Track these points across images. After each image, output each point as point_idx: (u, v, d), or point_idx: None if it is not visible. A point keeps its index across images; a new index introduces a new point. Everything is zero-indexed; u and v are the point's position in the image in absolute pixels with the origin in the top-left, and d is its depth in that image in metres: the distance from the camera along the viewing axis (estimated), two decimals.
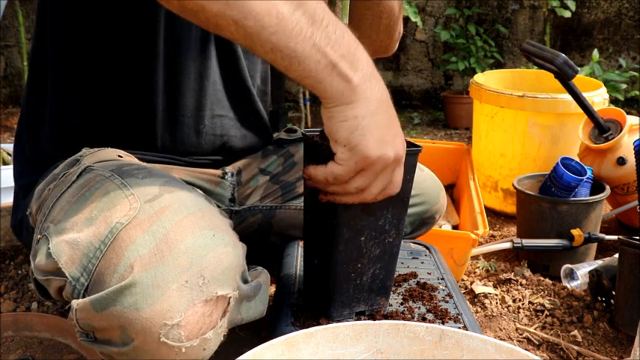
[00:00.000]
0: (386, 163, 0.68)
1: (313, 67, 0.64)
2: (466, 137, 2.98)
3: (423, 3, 3.48)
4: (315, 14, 0.63)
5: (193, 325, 0.65)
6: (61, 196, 0.78)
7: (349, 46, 0.65)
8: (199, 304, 0.65)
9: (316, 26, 0.63)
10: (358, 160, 0.68)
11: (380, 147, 0.67)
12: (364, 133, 0.66)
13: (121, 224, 0.68)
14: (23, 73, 2.81)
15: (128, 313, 0.63)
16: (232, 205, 1.06)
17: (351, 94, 0.66)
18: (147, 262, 0.65)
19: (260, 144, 1.11)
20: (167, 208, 0.70)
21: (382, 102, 0.68)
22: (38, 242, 0.76)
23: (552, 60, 1.58)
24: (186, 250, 0.66)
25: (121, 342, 0.66)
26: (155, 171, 0.79)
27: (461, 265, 1.45)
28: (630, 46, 3.35)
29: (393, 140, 0.68)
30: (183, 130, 0.96)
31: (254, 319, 0.77)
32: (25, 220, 0.93)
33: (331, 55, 0.64)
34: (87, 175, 0.79)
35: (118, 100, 0.93)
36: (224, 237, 0.71)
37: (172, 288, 0.64)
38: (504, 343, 0.61)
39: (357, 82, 0.66)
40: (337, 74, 0.65)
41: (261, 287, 0.77)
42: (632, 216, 1.78)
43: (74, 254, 0.69)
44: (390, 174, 0.70)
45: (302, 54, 0.63)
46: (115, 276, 0.65)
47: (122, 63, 0.91)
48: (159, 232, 0.67)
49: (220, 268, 0.68)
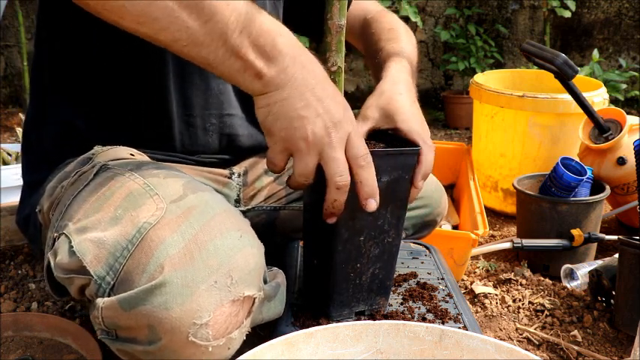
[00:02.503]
0: (307, 140, 0.70)
1: (226, 71, 0.69)
2: (466, 137, 2.98)
3: (423, 3, 3.48)
4: (229, 23, 0.66)
5: (220, 325, 0.66)
6: (79, 194, 0.79)
7: (266, 45, 0.68)
8: (227, 305, 0.67)
9: (229, 34, 0.66)
10: (277, 143, 0.72)
11: (295, 127, 0.69)
12: (276, 117, 0.70)
13: (149, 224, 0.69)
14: (23, 73, 2.81)
15: (158, 312, 0.64)
16: (238, 206, 1.07)
17: (264, 87, 0.70)
18: (177, 262, 0.66)
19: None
20: (194, 209, 0.71)
21: (301, 87, 0.70)
22: (55, 241, 0.76)
23: (552, 60, 1.58)
24: (215, 250, 0.67)
25: (147, 340, 0.67)
26: (173, 171, 0.80)
27: (461, 265, 1.45)
28: (630, 46, 3.35)
29: (315, 118, 0.69)
30: (191, 129, 0.97)
31: (273, 318, 0.78)
32: (33, 217, 0.93)
33: (244, 58, 0.68)
34: (104, 174, 0.80)
35: (127, 103, 0.93)
36: (249, 238, 0.72)
37: (202, 288, 0.65)
38: (504, 343, 0.61)
39: (270, 76, 0.69)
40: (249, 74, 0.69)
41: (280, 288, 0.78)
42: (632, 216, 1.78)
43: (100, 253, 0.70)
44: (337, 143, 0.70)
45: (214, 61, 0.68)
46: (145, 275, 0.66)
47: (130, 67, 0.91)
48: (188, 233, 0.68)
49: (247, 269, 0.69)
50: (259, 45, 0.68)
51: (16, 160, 1.80)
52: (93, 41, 0.90)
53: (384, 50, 1.01)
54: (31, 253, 1.57)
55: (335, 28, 0.77)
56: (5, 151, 1.85)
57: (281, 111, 0.70)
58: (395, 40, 1.02)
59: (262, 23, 0.69)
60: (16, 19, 2.86)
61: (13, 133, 2.76)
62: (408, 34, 1.08)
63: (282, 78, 0.69)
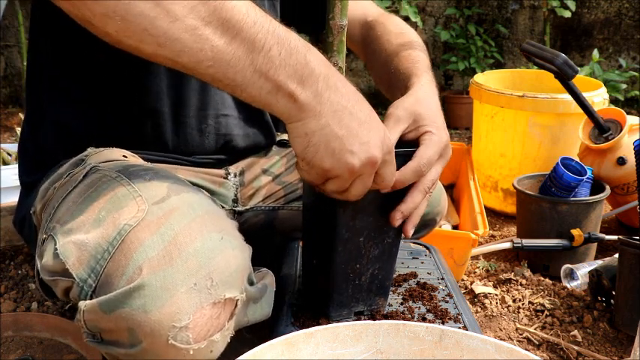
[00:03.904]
0: (352, 171, 0.68)
1: (256, 93, 0.65)
2: (466, 137, 2.98)
3: (423, 3, 3.48)
4: (256, 40, 0.62)
5: (201, 328, 0.66)
6: (67, 196, 0.78)
7: (298, 64, 0.65)
8: (207, 307, 0.66)
9: (256, 52, 0.63)
10: (318, 172, 0.69)
11: (338, 159, 0.67)
12: (317, 149, 0.67)
13: (129, 226, 0.68)
14: (23, 73, 2.81)
15: (137, 315, 0.63)
16: (235, 206, 1.06)
17: (299, 113, 0.66)
18: (155, 265, 0.65)
19: (263, 143, 1.11)
20: (175, 211, 0.70)
21: (339, 112, 0.67)
22: (44, 242, 0.76)
23: (552, 60, 1.58)
24: (195, 252, 0.66)
25: (128, 344, 0.66)
26: (162, 172, 0.79)
27: (461, 265, 1.45)
28: (630, 46, 3.35)
29: (359, 147, 0.67)
30: (186, 130, 0.97)
31: (260, 320, 0.77)
32: (28, 218, 0.93)
33: (274, 79, 0.64)
34: (93, 176, 0.79)
35: (121, 104, 0.93)
36: (231, 240, 0.71)
37: (181, 290, 0.64)
38: (504, 343, 0.61)
39: (304, 100, 0.65)
40: (282, 96, 0.65)
41: (267, 289, 0.78)
42: (632, 216, 1.78)
43: (82, 255, 0.69)
44: (367, 177, 0.70)
45: (242, 82, 0.63)
46: (124, 278, 0.65)
47: (122, 68, 0.91)
48: (167, 235, 0.67)
49: (228, 271, 0.68)
50: (288, 66, 0.64)
51: (16, 160, 1.80)
52: (85, 42, 0.90)
53: (401, 60, 0.98)
54: (30, 253, 1.57)
55: (337, 29, 0.77)
56: (5, 151, 1.85)
57: (321, 141, 0.66)
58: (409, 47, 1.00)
59: (289, 40, 0.65)
60: (16, 19, 2.86)
61: (13, 133, 2.76)
62: (415, 35, 1.06)
63: (315, 103, 0.66)
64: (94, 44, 0.89)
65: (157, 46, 0.61)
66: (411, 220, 0.80)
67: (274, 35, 0.64)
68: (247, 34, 0.62)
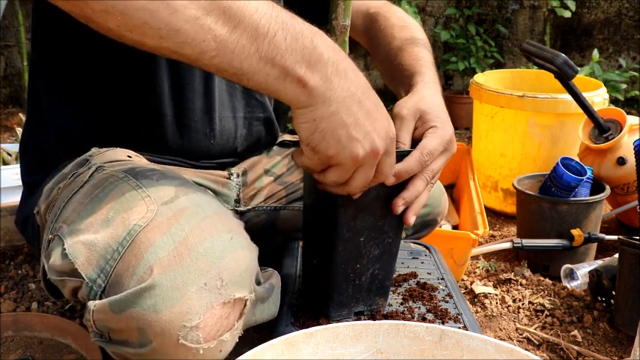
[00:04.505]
0: (355, 160, 0.67)
1: (263, 80, 0.63)
2: (466, 137, 2.98)
3: (423, 3, 3.48)
4: (259, 27, 0.61)
5: (211, 327, 0.66)
6: (73, 196, 0.78)
7: (305, 49, 0.63)
8: (217, 307, 0.66)
9: (261, 39, 0.61)
10: (321, 159, 0.68)
11: (344, 146, 0.66)
12: (323, 135, 0.66)
13: (139, 226, 0.68)
14: (23, 73, 2.81)
15: (147, 315, 0.64)
16: (238, 206, 1.07)
17: (308, 99, 0.65)
18: (166, 265, 0.65)
19: (267, 143, 1.11)
20: (184, 211, 0.70)
21: (348, 98, 0.66)
22: (50, 243, 0.76)
23: (552, 60, 1.58)
24: (205, 252, 0.67)
25: (138, 343, 0.66)
26: (168, 172, 0.79)
27: (461, 265, 1.45)
28: (630, 46, 3.35)
29: (365, 136, 0.67)
30: (191, 134, 0.96)
31: (267, 320, 0.78)
32: (31, 218, 0.93)
33: (281, 65, 0.62)
34: (99, 176, 0.79)
35: (122, 105, 0.93)
36: (240, 240, 0.71)
37: (191, 290, 0.65)
38: (504, 343, 0.61)
39: (313, 85, 0.64)
40: (291, 82, 0.63)
41: (274, 289, 0.78)
42: (632, 216, 1.78)
43: (91, 255, 0.69)
44: (369, 167, 0.69)
45: (248, 70, 0.62)
46: (134, 278, 0.65)
47: (124, 71, 0.91)
48: (178, 235, 0.67)
49: (238, 271, 0.68)
50: (295, 51, 0.63)
51: (16, 160, 1.80)
52: (87, 43, 0.90)
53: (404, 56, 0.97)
54: (31, 253, 1.57)
55: (339, 29, 0.77)
56: (5, 151, 1.85)
57: (329, 128, 0.65)
58: (413, 43, 0.99)
59: (294, 25, 0.64)
60: (16, 19, 2.86)
61: (13, 133, 2.76)
62: (419, 28, 1.06)
63: (324, 89, 0.65)
64: (93, 47, 0.89)
65: (159, 39, 0.60)
66: (413, 208, 0.79)
67: (278, 20, 0.63)
68: (250, 21, 0.61)
